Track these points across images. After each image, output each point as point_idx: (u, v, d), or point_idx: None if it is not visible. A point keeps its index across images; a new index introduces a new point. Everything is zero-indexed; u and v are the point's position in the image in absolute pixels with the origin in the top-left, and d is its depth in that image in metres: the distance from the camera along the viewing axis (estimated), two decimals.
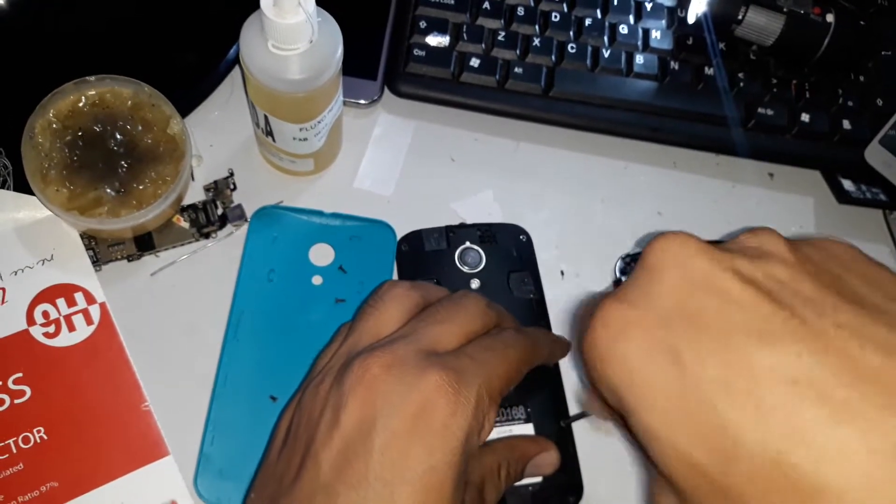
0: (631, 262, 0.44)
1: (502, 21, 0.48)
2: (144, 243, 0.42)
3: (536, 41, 0.47)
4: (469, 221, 0.44)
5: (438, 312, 0.32)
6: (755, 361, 0.21)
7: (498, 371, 0.30)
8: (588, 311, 0.28)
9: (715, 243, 0.25)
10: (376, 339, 0.31)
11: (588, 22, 0.48)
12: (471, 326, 0.32)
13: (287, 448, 0.30)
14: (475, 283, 0.42)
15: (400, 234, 0.43)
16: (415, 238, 0.43)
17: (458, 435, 0.27)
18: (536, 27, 0.48)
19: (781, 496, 0.20)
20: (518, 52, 0.47)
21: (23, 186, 0.40)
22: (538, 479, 0.38)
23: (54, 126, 0.39)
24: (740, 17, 0.47)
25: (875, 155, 0.46)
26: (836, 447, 0.19)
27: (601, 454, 0.40)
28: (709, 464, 0.22)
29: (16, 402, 0.38)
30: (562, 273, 0.44)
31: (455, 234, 0.43)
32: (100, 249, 0.42)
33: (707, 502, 0.22)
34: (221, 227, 0.43)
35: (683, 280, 0.23)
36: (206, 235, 0.43)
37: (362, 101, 0.46)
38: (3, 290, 0.40)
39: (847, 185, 0.48)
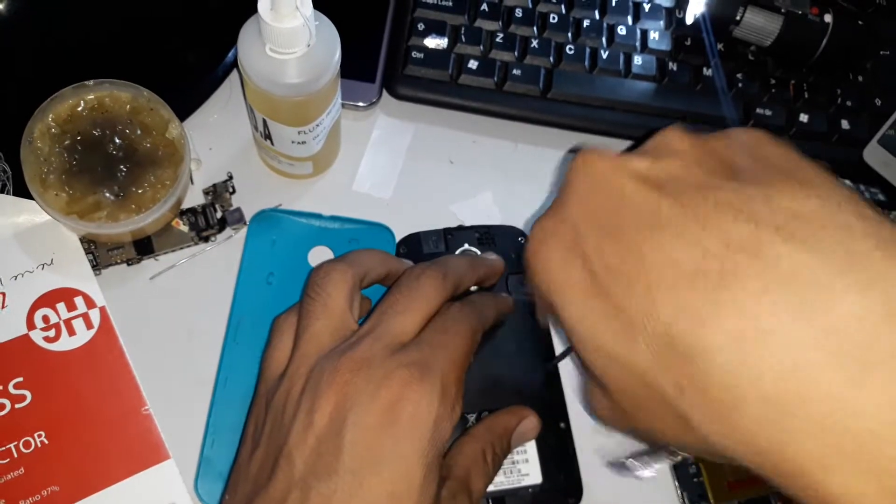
0: None
1: (500, 23, 0.48)
2: (144, 247, 0.42)
3: (535, 42, 0.47)
4: (468, 223, 0.44)
5: (398, 302, 0.32)
6: (644, 250, 0.23)
7: (455, 352, 0.31)
8: None
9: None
10: (335, 337, 0.32)
11: (586, 23, 0.48)
12: (430, 308, 0.33)
13: (260, 450, 0.31)
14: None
15: (399, 237, 0.43)
16: (413, 240, 0.43)
17: (427, 423, 0.29)
18: (534, 29, 0.48)
19: (675, 364, 0.22)
20: (516, 53, 0.47)
21: (22, 191, 0.40)
22: (538, 481, 0.38)
23: (53, 131, 0.40)
24: (738, 18, 0.47)
25: (874, 155, 0.46)
26: (712, 311, 0.21)
27: (601, 454, 0.40)
28: (615, 347, 0.24)
29: (16, 406, 0.38)
30: None
31: (453, 236, 0.43)
32: (99, 253, 0.42)
33: (623, 387, 0.24)
34: (220, 230, 0.43)
35: (589, 187, 0.26)
36: (206, 239, 0.43)
37: (361, 104, 0.46)
38: (4, 294, 0.40)
39: (846, 184, 0.48)
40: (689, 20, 0.49)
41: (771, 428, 0.20)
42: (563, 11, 0.49)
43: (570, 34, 0.48)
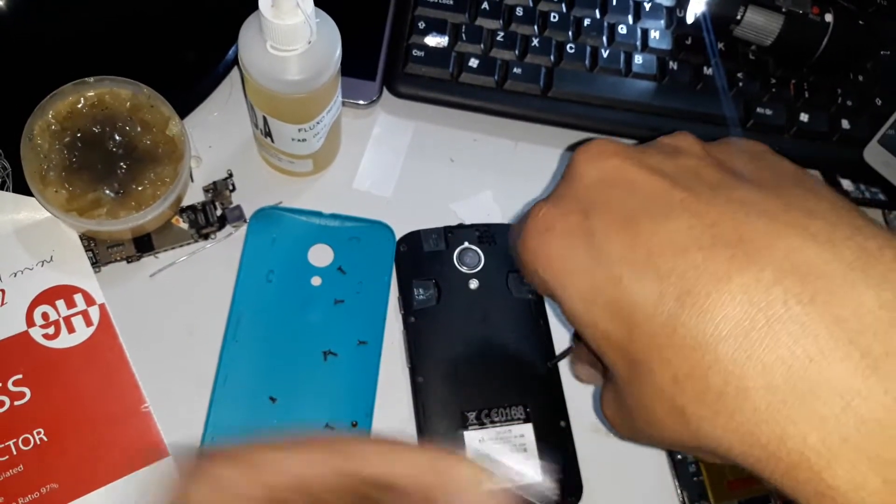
0: None
1: (501, 21, 0.48)
2: (144, 244, 0.42)
3: (535, 41, 0.47)
4: (468, 222, 0.44)
5: None
6: (653, 236, 0.23)
7: None
8: (521, 221, 0.29)
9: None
10: None
11: (587, 22, 0.48)
12: None
13: None
14: (474, 284, 0.42)
15: (399, 235, 0.43)
16: (413, 238, 0.43)
17: None
18: (535, 27, 0.48)
19: (675, 355, 0.22)
20: (517, 52, 0.47)
21: (22, 188, 0.40)
22: (538, 480, 0.38)
23: (53, 127, 0.39)
24: (739, 17, 0.47)
25: (874, 155, 0.46)
26: (720, 301, 0.21)
27: (601, 454, 0.40)
28: (617, 332, 0.24)
29: (16, 403, 0.38)
30: None
31: (454, 234, 0.43)
32: (99, 251, 0.42)
33: (622, 370, 0.24)
34: (220, 228, 0.43)
35: (599, 177, 0.26)
36: (205, 236, 0.43)
37: (361, 102, 0.46)
38: (3, 291, 0.40)
39: (846, 184, 0.48)
40: (689, 19, 0.49)
41: (775, 418, 0.20)
42: (564, 10, 0.49)
43: (570, 33, 0.48)
